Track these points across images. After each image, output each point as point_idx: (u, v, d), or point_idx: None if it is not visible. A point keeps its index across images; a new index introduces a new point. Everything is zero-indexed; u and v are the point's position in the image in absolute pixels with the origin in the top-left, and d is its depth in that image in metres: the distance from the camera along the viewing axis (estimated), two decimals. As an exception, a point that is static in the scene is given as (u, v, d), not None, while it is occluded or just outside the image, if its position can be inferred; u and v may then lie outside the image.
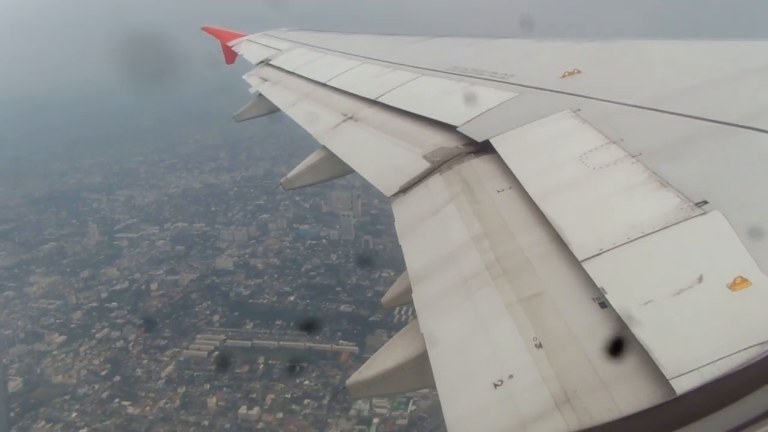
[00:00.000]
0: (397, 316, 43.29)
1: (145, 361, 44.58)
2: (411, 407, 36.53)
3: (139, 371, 43.69)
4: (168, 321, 48.48)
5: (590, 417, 2.06)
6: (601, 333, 2.36)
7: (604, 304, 2.46)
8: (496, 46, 8.16)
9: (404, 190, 4.61)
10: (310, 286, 50.64)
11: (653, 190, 3.00)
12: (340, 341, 43.60)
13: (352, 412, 37.26)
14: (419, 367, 3.03)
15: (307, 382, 40.51)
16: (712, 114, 3.57)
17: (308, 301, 48.67)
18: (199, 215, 65.32)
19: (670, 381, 1.94)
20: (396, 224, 4.26)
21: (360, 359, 40.16)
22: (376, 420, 36.44)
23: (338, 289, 49.66)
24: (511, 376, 2.39)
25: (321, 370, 41.29)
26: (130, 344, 46.52)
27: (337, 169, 6.54)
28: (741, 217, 2.54)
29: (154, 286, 53.43)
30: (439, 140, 5.07)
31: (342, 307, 47.14)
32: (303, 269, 53.33)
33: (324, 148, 6.61)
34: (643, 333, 2.18)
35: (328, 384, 39.89)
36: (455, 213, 3.88)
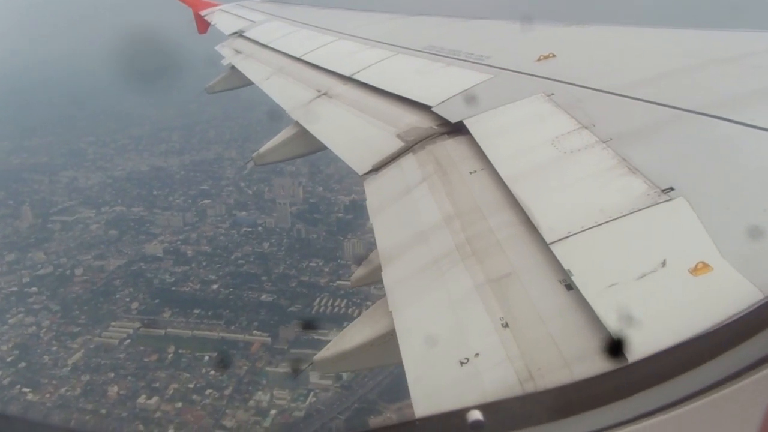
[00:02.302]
0: (317, 307, 43.00)
1: (55, 348, 42.75)
2: (311, 399, 36.23)
3: (46, 358, 41.88)
4: (86, 308, 46.46)
5: (553, 395, 2.10)
6: (567, 314, 2.40)
7: (570, 286, 2.50)
8: (474, 27, 8.14)
9: (377, 168, 4.59)
10: (236, 275, 48.91)
11: (621, 176, 3.05)
12: (255, 331, 42.49)
13: (251, 403, 36.54)
14: (386, 345, 3.05)
15: (213, 372, 39.64)
16: (682, 102, 3.62)
17: (231, 289, 47.05)
18: (140, 199, 62.15)
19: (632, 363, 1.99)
20: (367, 203, 4.26)
21: (270, 350, 39.87)
22: (273, 411, 35.89)
23: (264, 278, 48.07)
24: (477, 355, 2.42)
25: (229, 360, 40.39)
26: (43, 331, 44.48)
27: (309, 146, 6.47)
28: (705, 203, 2.60)
29: (78, 271, 50.99)
30: (414, 120, 5.05)
31: (263, 297, 45.71)
32: (232, 257, 51.49)
33: (297, 123, 6.53)
34: (606, 315, 2.22)
35: (234, 374, 39.09)
36: (427, 193, 3.88)
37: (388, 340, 3.01)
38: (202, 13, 15.71)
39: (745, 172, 2.89)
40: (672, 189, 2.76)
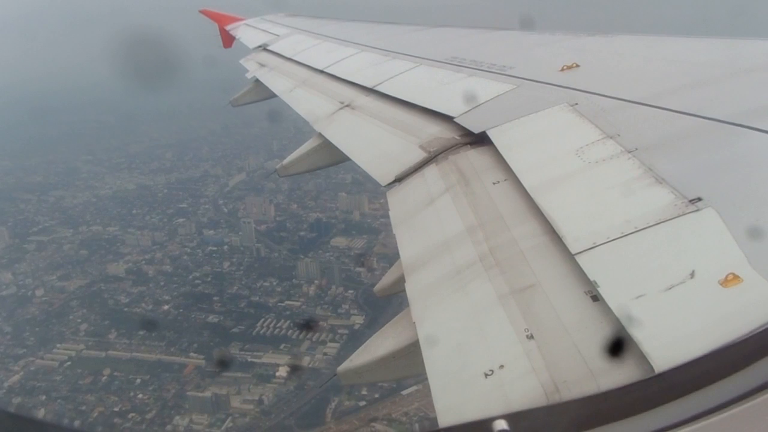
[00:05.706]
0: (259, 328, 43.07)
1: (-5, 370, 42.91)
2: (227, 424, 36.56)
3: (-16, 380, 42.00)
4: (38, 329, 46.73)
5: (579, 408, 2.07)
6: (593, 326, 2.37)
7: (596, 298, 2.48)
8: (496, 38, 8.14)
9: (399, 179, 4.61)
10: (190, 295, 48.95)
11: (648, 186, 3.01)
12: (191, 354, 42.54)
13: (169, 428, 36.85)
14: (410, 356, 3.05)
15: (140, 396, 39.62)
16: (709, 111, 3.58)
17: (181, 310, 47.15)
18: (119, 218, 62.73)
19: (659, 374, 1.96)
20: (390, 213, 4.27)
21: (202, 373, 40.00)
22: (190, 438, 36.20)
23: (215, 298, 48.20)
24: (501, 366, 2.40)
25: (160, 383, 40.32)
26: (-13, 353, 44.53)
27: (332, 157, 6.52)
28: (734, 214, 2.56)
29: (39, 292, 51.30)
30: (436, 130, 5.06)
31: (210, 318, 45.79)
32: (190, 277, 51.68)
33: (320, 135, 6.59)
34: (633, 327, 2.19)
35: (161, 398, 39.13)
36: (450, 204, 3.88)
37: (411, 351, 3.01)
38: (228, 27, 15.99)
39: None
40: (700, 199, 2.72)
